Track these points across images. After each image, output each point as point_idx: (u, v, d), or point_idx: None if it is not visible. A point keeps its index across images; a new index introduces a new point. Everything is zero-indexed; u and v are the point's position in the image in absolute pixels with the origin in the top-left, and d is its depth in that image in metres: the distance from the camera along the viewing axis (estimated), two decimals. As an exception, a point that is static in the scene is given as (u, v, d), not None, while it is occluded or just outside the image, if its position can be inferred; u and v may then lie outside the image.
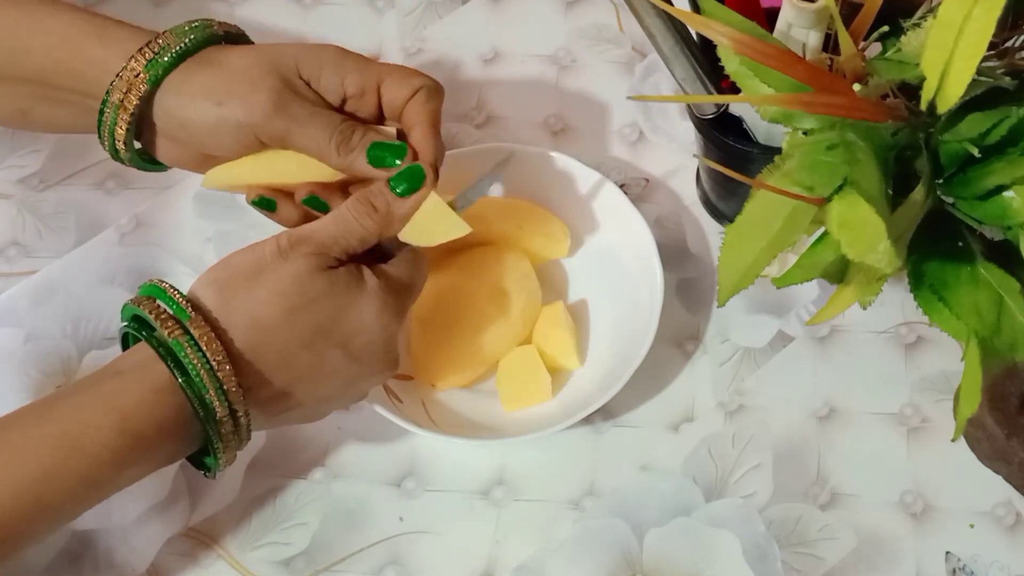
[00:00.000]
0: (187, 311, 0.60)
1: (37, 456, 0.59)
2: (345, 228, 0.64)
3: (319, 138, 0.66)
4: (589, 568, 0.71)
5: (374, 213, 0.64)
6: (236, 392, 0.61)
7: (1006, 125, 0.52)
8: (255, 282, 0.62)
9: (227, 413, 0.61)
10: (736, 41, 0.52)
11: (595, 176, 0.79)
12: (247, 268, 0.62)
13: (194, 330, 0.60)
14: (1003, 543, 0.71)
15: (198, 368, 0.59)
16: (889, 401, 0.76)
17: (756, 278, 0.56)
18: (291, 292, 0.62)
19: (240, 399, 0.61)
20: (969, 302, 0.54)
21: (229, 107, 0.66)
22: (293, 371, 0.63)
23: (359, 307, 0.63)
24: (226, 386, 0.60)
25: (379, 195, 0.65)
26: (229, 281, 0.62)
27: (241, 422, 0.62)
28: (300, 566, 0.72)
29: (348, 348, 0.64)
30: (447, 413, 0.76)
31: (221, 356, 0.60)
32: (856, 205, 0.49)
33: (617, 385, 0.72)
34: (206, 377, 0.60)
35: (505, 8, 0.94)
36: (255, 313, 0.61)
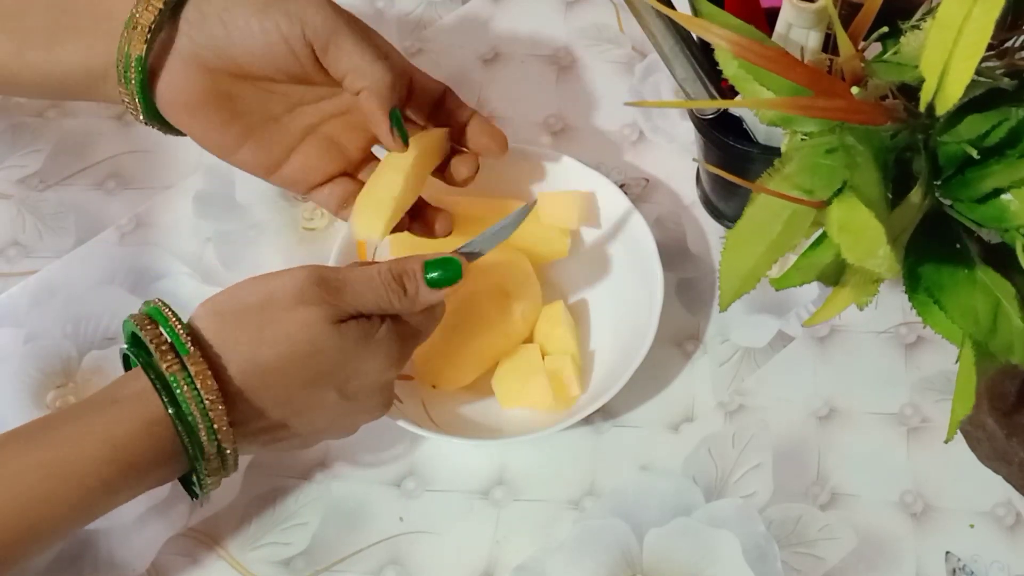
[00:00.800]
0: (186, 345, 0.60)
1: (29, 484, 0.59)
2: (371, 293, 0.63)
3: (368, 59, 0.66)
4: (589, 568, 0.71)
5: (403, 295, 0.64)
6: (226, 432, 0.60)
7: (1005, 127, 0.52)
8: (263, 321, 0.61)
9: (215, 451, 0.61)
10: (734, 44, 0.52)
11: (595, 176, 0.79)
12: (256, 304, 0.62)
13: (191, 366, 0.60)
14: (1003, 543, 0.71)
15: (191, 405, 0.59)
16: (889, 401, 0.76)
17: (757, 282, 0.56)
18: (299, 340, 0.61)
19: (229, 439, 0.61)
20: (965, 305, 0.54)
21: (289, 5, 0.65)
22: (287, 409, 0.63)
23: (363, 357, 0.63)
24: (216, 425, 0.60)
25: (412, 279, 0.64)
26: (235, 316, 0.62)
27: (228, 458, 0.62)
28: (300, 566, 0.72)
29: (345, 390, 0.64)
30: (447, 413, 0.76)
31: (215, 395, 0.59)
32: (856, 209, 0.49)
33: (617, 385, 0.72)
34: (198, 415, 0.59)
35: (505, 8, 0.94)
36: (258, 354, 0.61)
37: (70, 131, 0.89)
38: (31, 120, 0.89)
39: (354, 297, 0.63)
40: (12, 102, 0.90)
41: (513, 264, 0.77)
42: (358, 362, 0.63)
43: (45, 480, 0.59)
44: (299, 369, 0.62)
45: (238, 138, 0.70)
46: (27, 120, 0.89)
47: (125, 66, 0.66)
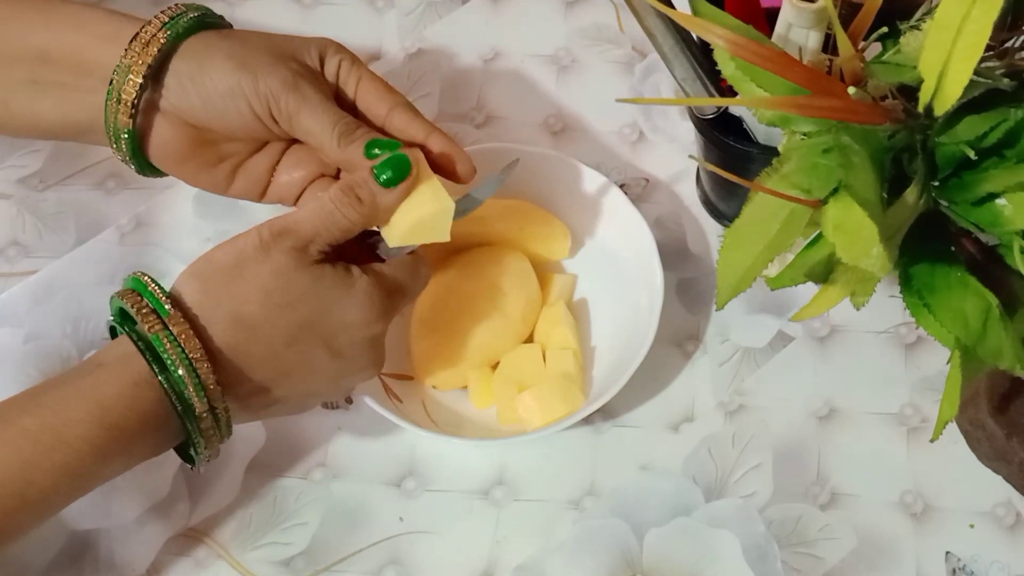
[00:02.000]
0: (166, 307, 0.60)
1: (18, 449, 0.59)
2: (328, 220, 0.63)
3: (324, 125, 0.66)
4: (589, 568, 0.71)
5: (358, 204, 0.63)
6: (214, 389, 0.60)
7: (1003, 128, 0.52)
8: (237, 278, 0.62)
9: (206, 409, 0.61)
10: (732, 44, 0.52)
11: (595, 176, 0.79)
12: (229, 263, 0.62)
13: (173, 326, 0.60)
14: (1003, 543, 0.71)
15: (176, 364, 0.59)
16: (889, 401, 0.76)
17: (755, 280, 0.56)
18: (274, 289, 0.61)
19: (219, 396, 0.61)
20: (955, 308, 0.54)
21: (249, 72, 0.65)
22: (276, 368, 0.63)
23: (344, 304, 0.63)
24: (205, 382, 0.60)
25: (363, 185, 0.63)
26: (211, 276, 0.62)
27: (221, 417, 0.62)
28: (300, 566, 0.72)
29: (332, 345, 0.63)
30: (447, 413, 0.76)
31: (199, 353, 0.60)
32: (850, 209, 0.49)
33: (617, 385, 0.72)
34: (185, 373, 0.59)
35: (505, 8, 0.94)
36: (237, 310, 0.61)
37: (70, 131, 0.89)
38: (31, 120, 0.89)
39: (313, 230, 0.62)
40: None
41: (512, 263, 0.78)
42: (340, 312, 0.63)
43: (34, 445, 0.59)
44: (279, 320, 0.62)
45: (227, 177, 0.71)
46: (27, 120, 0.89)
47: (115, 137, 0.68)
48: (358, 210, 0.63)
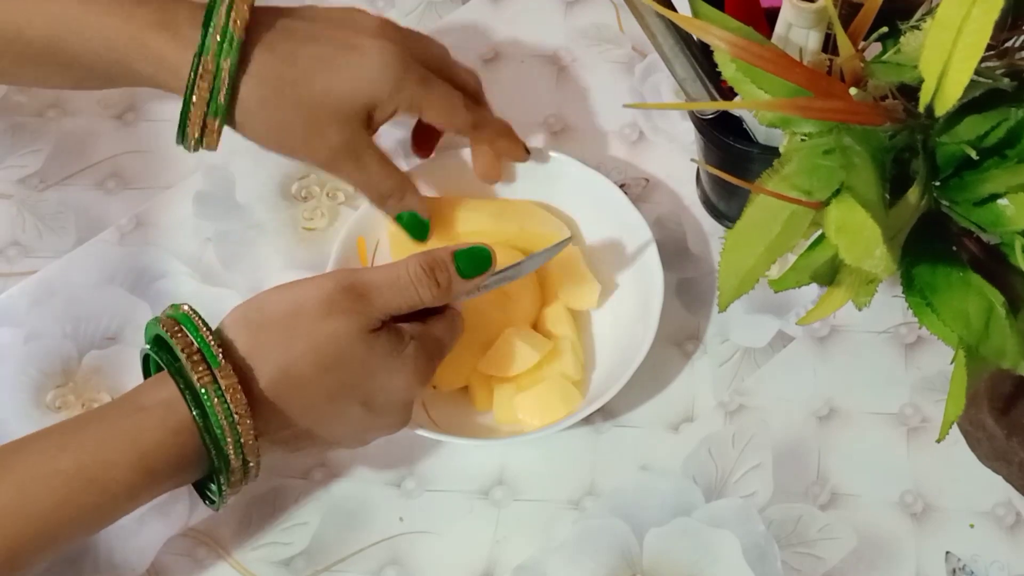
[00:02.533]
0: (218, 358, 0.60)
1: (51, 489, 0.59)
2: (402, 293, 0.63)
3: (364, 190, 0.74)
4: (589, 568, 0.71)
5: (435, 287, 0.64)
6: (252, 445, 0.60)
7: (1004, 127, 0.52)
8: (291, 331, 0.61)
9: (240, 463, 0.61)
10: (732, 45, 0.52)
11: (595, 176, 0.79)
12: (285, 313, 0.62)
13: (222, 379, 0.59)
14: (1003, 543, 0.71)
15: (220, 419, 0.59)
16: (889, 401, 0.76)
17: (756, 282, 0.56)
18: (327, 351, 0.61)
19: (255, 452, 0.61)
20: (958, 308, 0.54)
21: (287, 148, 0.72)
22: (310, 419, 0.63)
23: (390, 370, 0.63)
24: (243, 439, 0.60)
25: (443, 270, 0.64)
26: (264, 325, 0.62)
27: (251, 470, 0.62)
28: (300, 566, 0.72)
29: (369, 403, 0.64)
30: (447, 413, 0.76)
31: (244, 410, 0.59)
32: (853, 210, 0.49)
33: (617, 385, 0.72)
34: (227, 428, 0.59)
35: (505, 8, 0.94)
36: (287, 365, 0.61)
37: (70, 131, 0.89)
38: (31, 120, 0.89)
39: (383, 300, 0.63)
40: (12, 102, 0.90)
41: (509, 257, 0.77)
42: (385, 376, 0.63)
43: (68, 484, 0.59)
44: (325, 380, 0.62)
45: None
46: (27, 120, 0.89)
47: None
48: (433, 292, 0.64)
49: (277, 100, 0.69)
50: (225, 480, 0.61)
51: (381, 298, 0.63)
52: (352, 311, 0.62)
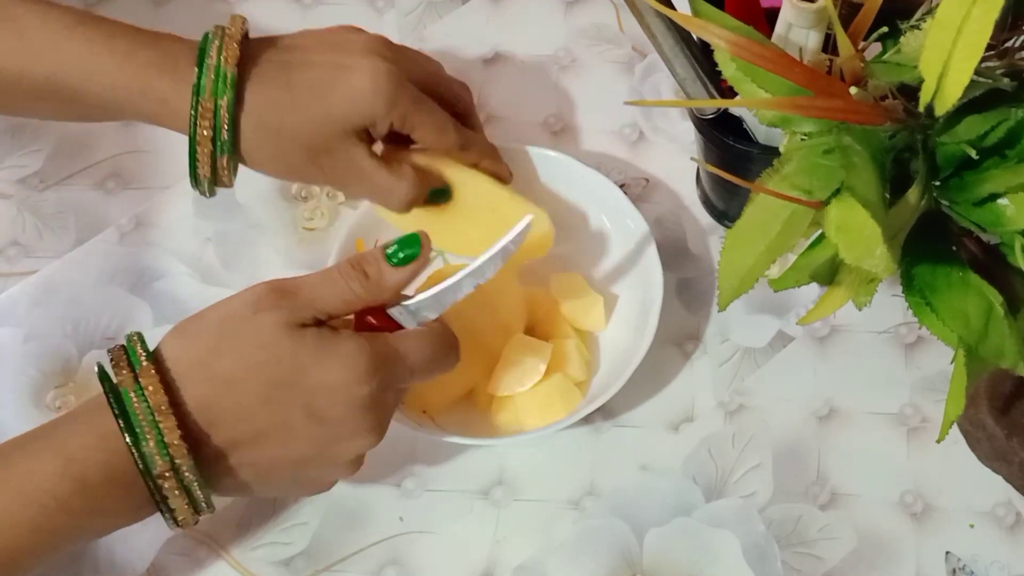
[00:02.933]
0: (141, 360, 0.60)
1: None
2: (331, 290, 0.62)
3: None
4: (589, 568, 0.71)
5: (364, 279, 0.63)
6: (178, 445, 0.59)
7: (1004, 127, 0.52)
8: (220, 333, 0.61)
9: (168, 468, 0.59)
10: (732, 44, 0.52)
11: (595, 176, 0.79)
12: (216, 319, 0.62)
13: (143, 378, 0.59)
14: (1003, 543, 0.71)
15: (140, 418, 0.58)
16: (889, 401, 0.76)
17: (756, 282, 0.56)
18: (254, 346, 0.60)
19: (183, 453, 0.59)
20: (957, 308, 0.54)
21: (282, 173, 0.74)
22: (248, 426, 0.61)
23: (324, 365, 0.61)
24: (167, 438, 0.59)
25: (372, 262, 0.63)
26: (194, 332, 0.62)
27: (186, 478, 0.60)
28: (300, 566, 0.72)
29: (311, 407, 0.61)
30: (448, 413, 0.76)
31: (164, 407, 0.59)
32: (853, 209, 0.49)
33: (617, 385, 0.72)
34: (147, 427, 0.58)
35: (505, 8, 0.94)
36: (213, 365, 0.60)
37: (70, 131, 0.89)
38: (31, 120, 0.89)
39: (312, 296, 0.62)
40: (12, 102, 0.90)
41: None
42: (319, 373, 0.61)
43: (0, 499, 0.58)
44: (254, 377, 0.60)
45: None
46: (27, 120, 0.89)
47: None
48: (363, 285, 0.63)
49: (277, 130, 0.70)
50: (155, 487, 0.59)
51: (309, 292, 0.62)
52: (278, 306, 0.61)
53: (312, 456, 0.63)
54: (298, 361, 0.61)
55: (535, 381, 0.74)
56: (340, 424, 0.62)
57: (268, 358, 0.60)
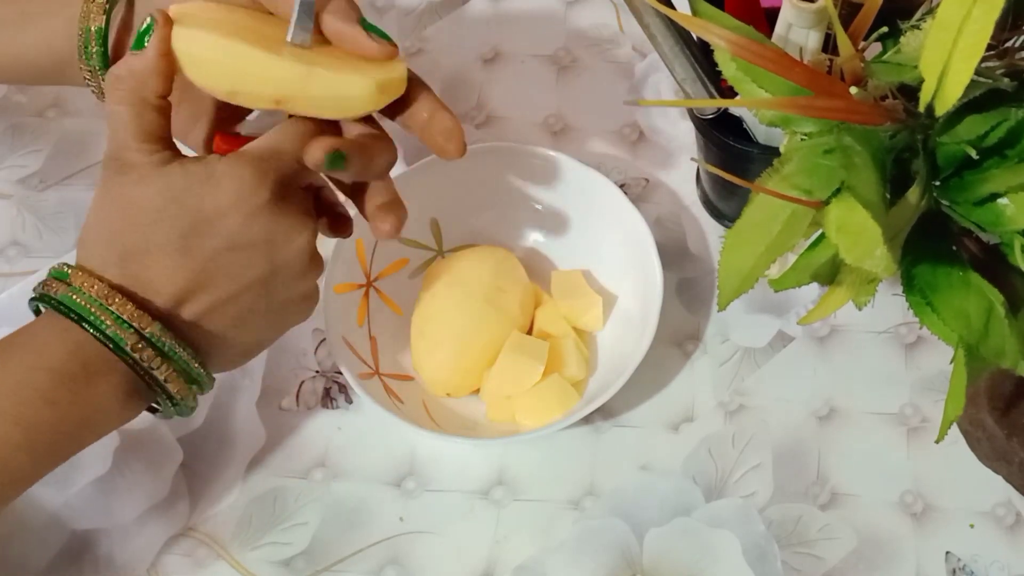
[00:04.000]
0: (64, 269, 0.60)
1: None
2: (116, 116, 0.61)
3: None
4: (589, 568, 0.71)
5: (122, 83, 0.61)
6: (140, 315, 0.59)
7: (1004, 127, 0.52)
8: (105, 220, 0.61)
9: (138, 339, 0.59)
10: (732, 44, 0.52)
11: (595, 176, 0.79)
12: (94, 214, 0.61)
13: (74, 281, 0.60)
14: (1003, 543, 0.71)
15: (89, 308, 0.59)
16: (889, 401, 0.76)
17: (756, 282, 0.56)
18: (134, 213, 0.60)
19: (148, 320, 0.59)
20: (958, 308, 0.54)
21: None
22: (184, 278, 0.60)
23: (213, 193, 0.60)
24: (124, 314, 0.59)
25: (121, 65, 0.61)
26: (88, 230, 0.61)
27: (161, 343, 0.60)
28: (300, 566, 0.72)
29: (228, 237, 0.60)
30: (448, 413, 0.76)
31: (106, 291, 0.59)
32: (853, 210, 0.49)
33: (617, 385, 0.72)
34: (99, 312, 0.59)
35: (505, 8, 0.94)
36: (118, 246, 0.60)
37: (70, 131, 0.89)
38: (31, 120, 0.89)
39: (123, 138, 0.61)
40: (12, 102, 0.90)
41: (499, 258, 0.77)
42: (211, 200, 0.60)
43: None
44: (159, 239, 0.60)
45: (188, 120, 0.69)
46: (27, 120, 0.89)
47: (86, 41, 0.67)
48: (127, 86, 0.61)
49: None
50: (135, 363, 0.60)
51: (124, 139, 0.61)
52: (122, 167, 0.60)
53: (265, 276, 0.62)
54: (182, 201, 0.60)
55: (533, 383, 0.74)
56: (266, 234, 0.61)
57: (154, 216, 0.60)
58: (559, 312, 0.77)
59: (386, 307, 0.79)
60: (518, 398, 0.74)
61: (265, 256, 0.62)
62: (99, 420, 0.61)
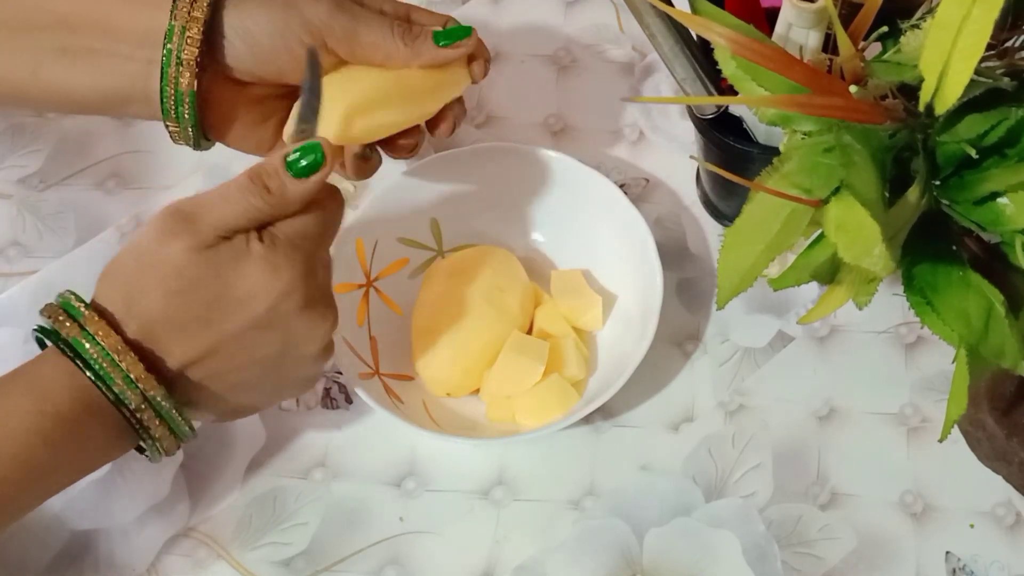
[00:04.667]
0: (80, 310, 0.60)
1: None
2: (234, 208, 0.61)
3: (383, 31, 0.66)
4: (589, 568, 0.71)
5: (267, 194, 0.61)
6: (146, 378, 0.59)
7: (1004, 126, 0.52)
8: (138, 271, 0.61)
9: (142, 400, 0.60)
10: (733, 42, 0.52)
11: (595, 176, 0.79)
12: (130, 257, 0.61)
13: (89, 327, 0.59)
14: (1003, 543, 0.71)
15: (100, 361, 0.59)
16: (889, 401, 0.76)
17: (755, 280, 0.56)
18: (170, 276, 0.60)
19: (153, 384, 0.60)
20: (958, 307, 0.54)
21: (293, 8, 0.66)
22: (198, 348, 0.61)
23: (244, 275, 0.60)
24: (132, 374, 0.59)
25: (273, 175, 0.61)
26: (116, 274, 0.62)
27: (161, 407, 0.60)
28: (300, 566, 0.72)
29: (250, 316, 0.61)
30: (448, 413, 0.76)
31: (120, 347, 0.59)
32: (852, 208, 0.49)
33: (617, 385, 0.72)
34: (109, 368, 0.59)
35: (505, 8, 0.94)
36: (142, 303, 0.60)
37: (70, 131, 0.89)
38: (31, 120, 0.89)
39: (215, 216, 0.61)
40: (12, 102, 0.90)
41: (499, 258, 0.77)
42: (244, 282, 0.60)
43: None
44: (182, 306, 0.60)
45: (273, 135, 0.72)
46: (27, 120, 0.89)
47: (177, 101, 0.67)
48: (266, 200, 0.61)
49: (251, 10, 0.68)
50: (136, 422, 0.60)
51: (211, 214, 0.61)
52: (183, 232, 0.60)
53: (276, 356, 0.63)
54: (219, 280, 0.60)
55: (533, 383, 0.74)
56: (293, 323, 0.62)
57: (186, 285, 0.60)
58: (559, 312, 0.77)
59: (386, 307, 0.79)
60: (518, 398, 0.74)
61: (282, 340, 0.63)
62: (91, 460, 0.62)
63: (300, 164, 0.61)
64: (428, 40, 0.67)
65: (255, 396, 0.66)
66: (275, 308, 0.61)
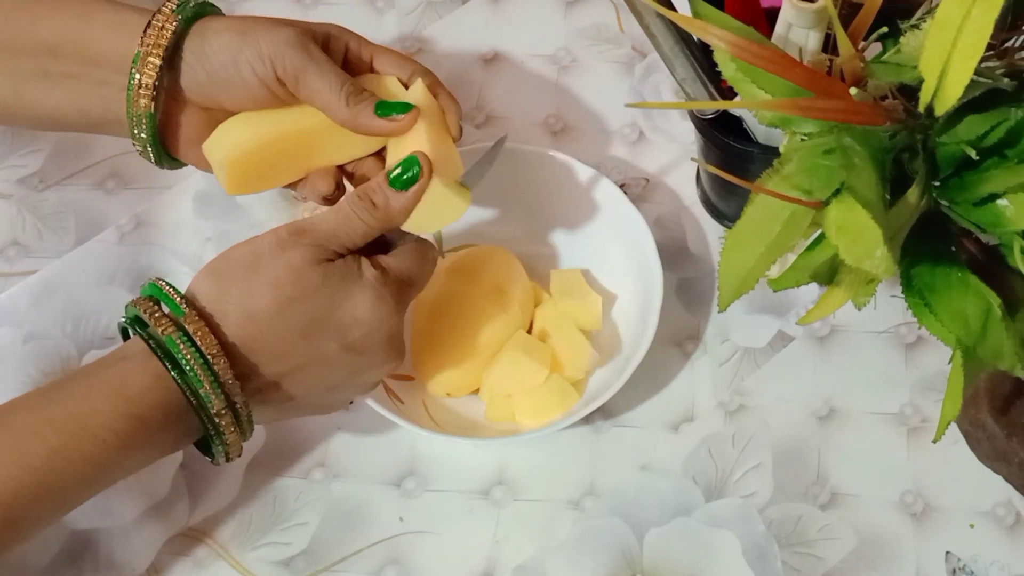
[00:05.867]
0: (182, 307, 0.61)
1: (43, 438, 0.59)
2: (346, 223, 0.64)
3: (332, 84, 0.67)
4: (589, 568, 0.71)
5: (374, 209, 0.64)
6: (232, 384, 0.61)
7: (1004, 127, 0.52)
8: (252, 273, 0.62)
9: (224, 406, 0.61)
10: (733, 45, 0.52)
11: (595, 176, 0.79)
12: (245, 259, 0.63)
13: (189, 325, 0.61)
14: (1003, 543, 0.71)
15: (192, 363, 0.60)
16: (889, 401, 0.76)
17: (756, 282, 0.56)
18: (286, 282, 0.62)
19: (237, 391, 0.61)
20: (956, 309, 0.54)
21: (250, 38, 0.67)
22: (290, 361, 0.63)
23: (354, 300, 0.63)
24: (222, 379, 0.61)
25: (378, 190, 0.65)
26: (226, 272, 0.63)
27: (240, 413, 0.62)
28: (300, 566, 0.72)
29: (346, 340, 0.64)
30: (448, 413, 0.76)
31: (216, 349, 0.60)
32: (853, 210, 0.49)
33: (617, 385, 0.72)
34: (200, 372, 0.60)
35: (505, 8, 0.94)
36: (250, 304, 0.62)
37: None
38: (31, 120, 0.89)
39: (330, 231, 0.64)
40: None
41: (499, 258, 0.77)
42: (352, 307, 0.63)
43: (60, 434, 0.59)
44: (291, 314, 0.62)
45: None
46: (27, 120, 0.89)
47: (136, 123, 0.69)
48: (373, 215, 0.64)
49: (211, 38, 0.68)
50: (212, 425, 0.62)
51: (329, 230, 0.64)
52: (304, 245, 0.63)
53: (343, 381, 0.66)
54: (329, 295, 0.63)
55: (536, 384, 0.74)
56: (373, 354, 0.65)
57: (301, 295, 0.62)
58: (559, 312, 0.77)
59: (386, 307, 0.79)
60: (518, 398, 0.74)
61: (357, 365, 0.65)
62: (152, 459, 0.64)
63: (402, 177, 0.65)
64: (369, 108, 0.67)
65: (303, 411, 0.68)
66: (368, 336, 0.64)
